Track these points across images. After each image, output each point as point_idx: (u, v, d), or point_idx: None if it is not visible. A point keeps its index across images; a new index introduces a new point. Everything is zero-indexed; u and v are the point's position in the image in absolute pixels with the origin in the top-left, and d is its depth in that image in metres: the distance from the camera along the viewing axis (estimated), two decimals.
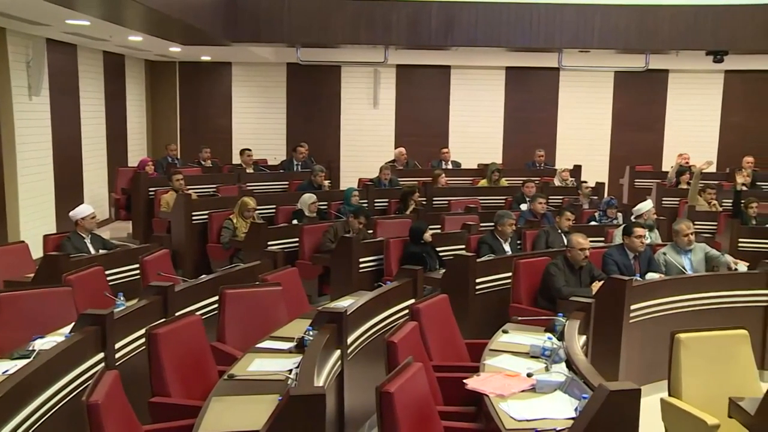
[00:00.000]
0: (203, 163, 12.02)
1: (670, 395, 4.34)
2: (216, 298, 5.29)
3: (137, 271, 6.56)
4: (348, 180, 12.57)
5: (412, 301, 5.43)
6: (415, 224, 7.65)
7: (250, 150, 11.75)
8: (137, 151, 13.64)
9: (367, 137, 14.08)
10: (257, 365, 4.17)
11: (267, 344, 4.56)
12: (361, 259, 7.50)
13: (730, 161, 12.31)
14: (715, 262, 6.97)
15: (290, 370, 3.96)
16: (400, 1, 10.65)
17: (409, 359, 3.63)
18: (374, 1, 10.64)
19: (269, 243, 7.93)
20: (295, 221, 8.94)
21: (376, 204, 10.38)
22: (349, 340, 4.62)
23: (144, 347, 4.18)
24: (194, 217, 8.94)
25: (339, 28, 10.95)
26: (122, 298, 5.24)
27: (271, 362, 4.19)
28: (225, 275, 6.03)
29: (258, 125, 14.19)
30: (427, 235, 7.43)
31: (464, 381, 3.98)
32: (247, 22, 10.80)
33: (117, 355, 4.34)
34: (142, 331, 4.31)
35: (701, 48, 11.11)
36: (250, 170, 11.50)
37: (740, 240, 8.64)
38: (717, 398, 3.96)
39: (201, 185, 10.42)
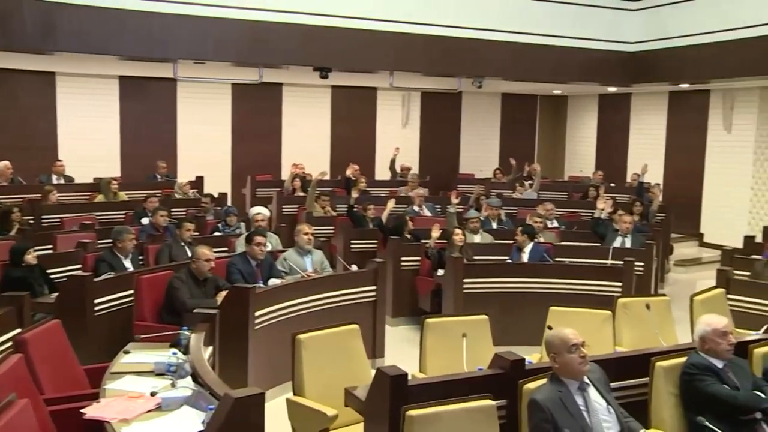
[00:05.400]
0: None
1: (294, 394, 4.52)
2: None
3: None
4: None
5: (18, 331, 4.88)
6: (14, 245, 6.90)
7: None
8: None
9: None
10: None
11: None
12: None
13: (341, 170, 13.30)
14: None
15: None
16: None
17: (12, 396, 3.22)
18: None
19: None
20: None
21: None
22: None
23: None
24: None
25: None
26: None
27: None
28: None
29: None
30: (30, 258, 6.74)
31: (82, 410, 3.70)
32: None
33: None
34: None
35: (308, 64, 11.83)
36: None
37: (352, 241, 9.43)
38: (336, 390, 4.20)
39: None
